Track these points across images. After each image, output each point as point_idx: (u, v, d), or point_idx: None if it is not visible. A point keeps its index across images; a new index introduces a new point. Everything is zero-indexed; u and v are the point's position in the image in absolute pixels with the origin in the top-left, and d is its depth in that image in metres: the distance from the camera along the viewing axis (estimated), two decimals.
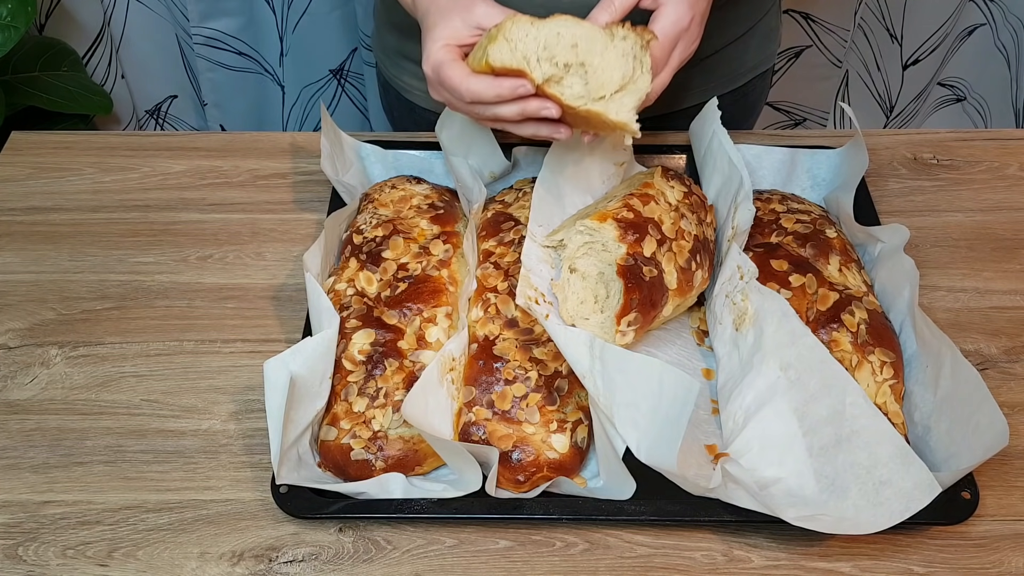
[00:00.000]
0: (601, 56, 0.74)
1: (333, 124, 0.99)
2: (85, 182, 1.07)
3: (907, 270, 0.85)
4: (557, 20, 0.75)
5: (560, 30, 0.74)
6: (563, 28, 0.74)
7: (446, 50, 0.79)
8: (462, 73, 0.77)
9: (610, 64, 0.75)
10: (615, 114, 0.75)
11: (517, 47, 0.74)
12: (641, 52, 0.75)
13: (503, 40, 0.74)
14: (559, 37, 0.74)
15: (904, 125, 1.96)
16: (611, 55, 0.75)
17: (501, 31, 0.74)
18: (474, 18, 0.79)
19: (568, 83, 0.75)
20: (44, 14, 1.63)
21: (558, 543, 0.76)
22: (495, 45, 0.74)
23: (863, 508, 0.73)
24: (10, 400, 0.85)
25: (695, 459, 0.78)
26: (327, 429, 0.79)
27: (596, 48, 0.74)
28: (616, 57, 0.75)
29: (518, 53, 0.74)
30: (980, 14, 1.79)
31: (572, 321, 0.80)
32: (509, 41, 0.74)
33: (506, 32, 0.74)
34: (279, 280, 0.96)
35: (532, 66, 0.74)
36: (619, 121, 0.76)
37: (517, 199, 0.96)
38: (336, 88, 1.79)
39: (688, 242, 0.85)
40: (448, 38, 0.80)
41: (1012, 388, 0.87)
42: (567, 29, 0.74)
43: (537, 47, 0.74)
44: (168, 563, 0.74)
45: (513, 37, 0.74)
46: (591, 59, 0.74)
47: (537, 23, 0.74)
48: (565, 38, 0.74)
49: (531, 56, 0.74)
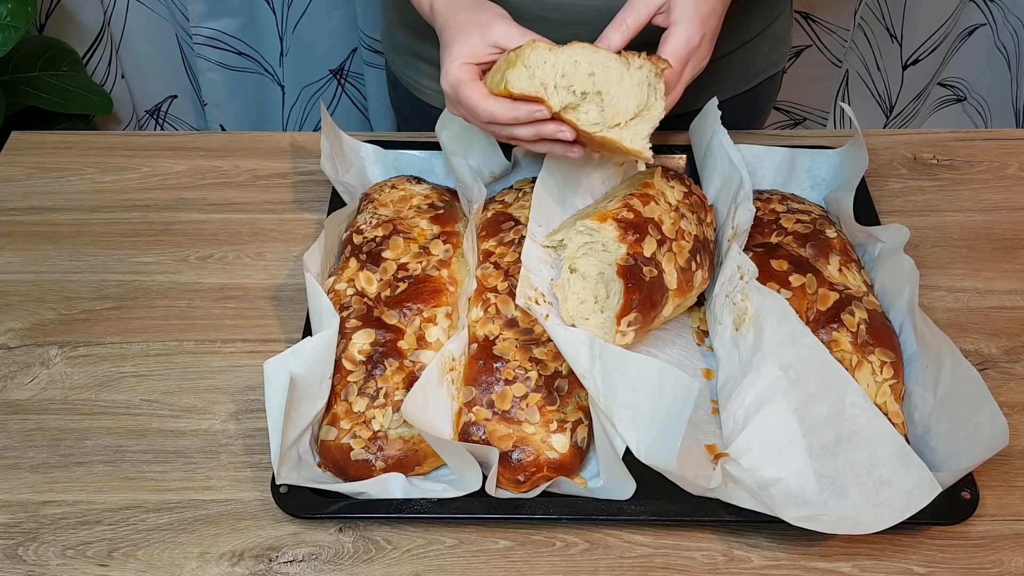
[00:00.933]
0: (617, 85, 0.76)
1: (333, 124, 0.99)
2: (85, 182, 1.07)
3: (907, 270, 0.85)
4: (575, 48, 0.76)
5: (578, 58, 0.76)
6: (581, 56, 0.76)
7: (464, 69, 0.80)
8: (480, 94, 0.79)
9: (626, 92, 0.76)
10: (630, 142, 0.77)
11: (536, 74, 0.75)
12: (656, 80, 0.77)
13: (522, 67, 0.76)
14: (576, 65, 0.76)
15: (904, 125, 1.96)
16: (627, 84, 0.76)
17: (520, 57, 0.76)
18: (492, 37, 0.80)
19: (584, 110, 0.77)
20: (44, 14, 1.63)
21: (558, 543, 0.76)
22: (514, 71, 0.76)
23: (863, 508, 0.73)
24: (10, 400, 0.85)
25: (695, 459, 0.78)
26: (327, 429, 0.79)
27: (612, 77, 0.76)
28: (632, 86, 0.76)
29: (536, 80, 0.75)
30: (980, 14, 1.79)
31: (572, 321, 0.80)
32: (528, 68, 0.75)
33: (525, 59, 0.76)
34: (279, 280, 0.96)
35: (550, 93, 0.76)
36: (633, 149, 0.77)
37: (517, 199, 0.96)
38: (336, 88, 1.79)
39: (688, 242, 0.85)
40: (466, 56, 0.81)
41: (1012, 388, 0.87)
42: (585, 57, 0.76)
43: (555, 75, 0.76)
44: (168, 563, 0.74)
45: (532, 64, 0.75)
46: (607, 88, 0.76)
47: (556, 50, 0.76)
48: (583, 66, 0.76)
49: (549, 83, 0.76)
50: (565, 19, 0.98)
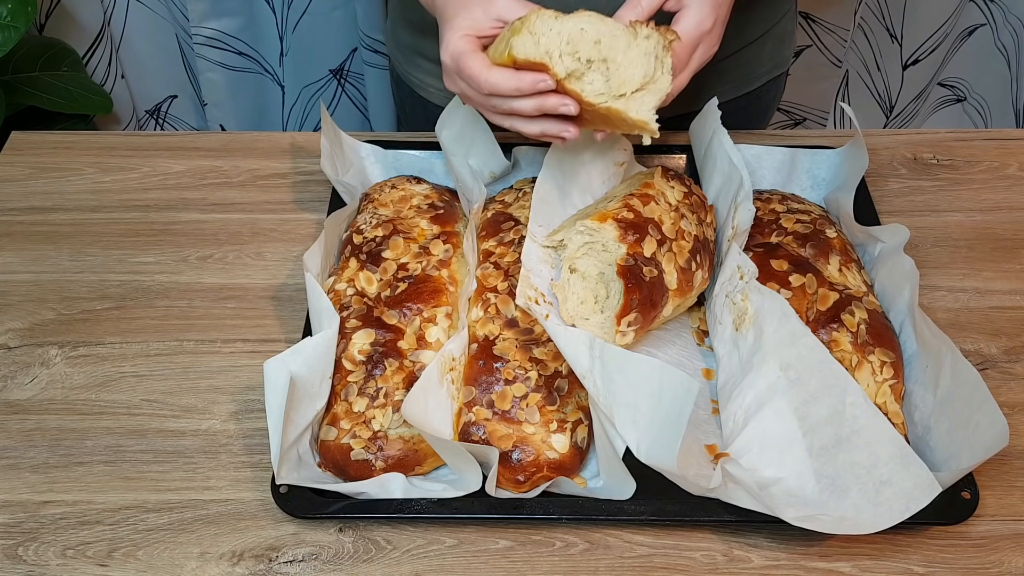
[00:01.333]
0: (624, 54, 0.74)
1: (333, 124, 0.99)
2: (85, 182, 1.07)
3: (907, 270, 0.85)
4: (581, 16, 0.75)
5: (584, 25, 0.74)
6: (587, 24, 0.74)
7: (466, 40, 0.79)
8: (482, 64, 0.77)
9: (632, 62, 0.75)
10: (635, 112, 0.75)
11: (540, 41, 0.74)
12: (663, 52, 0.75)
13: (527, 33, 0.74)
14: (583, 33, 0.74)
15: (904, 125, 1.96)
16: (634, 53, 0.75)
17: (525, 24, 0.74)
18: (495, 10, 0.79)
19: (589, 79, 0.75)
20: (44, 14, 1.63)
21: (558, 543, 0.76)
22: (519, 37, 0.74)
23: (863, 508, 0.73)
24: (10, 400, 0.85)
25: (695, 459, 0.78)
26: (327, 429, 0.79)
27: (619, 45, 0.74)
28: (639, 55, 0.75)
29: (541, 47, 0.74)
30: (980, 14, 1.79)
31: (572, 321, 0.80)
32: (533, 35, 0.74)
33: (530, 25, 0.74)
34: (279, 280, 0.96)
35: (555, 60, 0.74)
36: (639, 120, 0.76)
37: (517, 199, 0.96)
38: (336, 88, 1.79)
39: (688, 242, 0.85)
40: (468, 28, 0.79)
41: (1012, 388, 0.87)
42: (591, 25, 0.74)
43: (560, 42, 0.74)
44: (168, 563, 0.74)
45: (537, 31, 0.74)
46: (614, 56, 0.74)
47: (561, 18, 0.74)
48: (589, 34, 0.74)
49: (554, 51, 0.74)
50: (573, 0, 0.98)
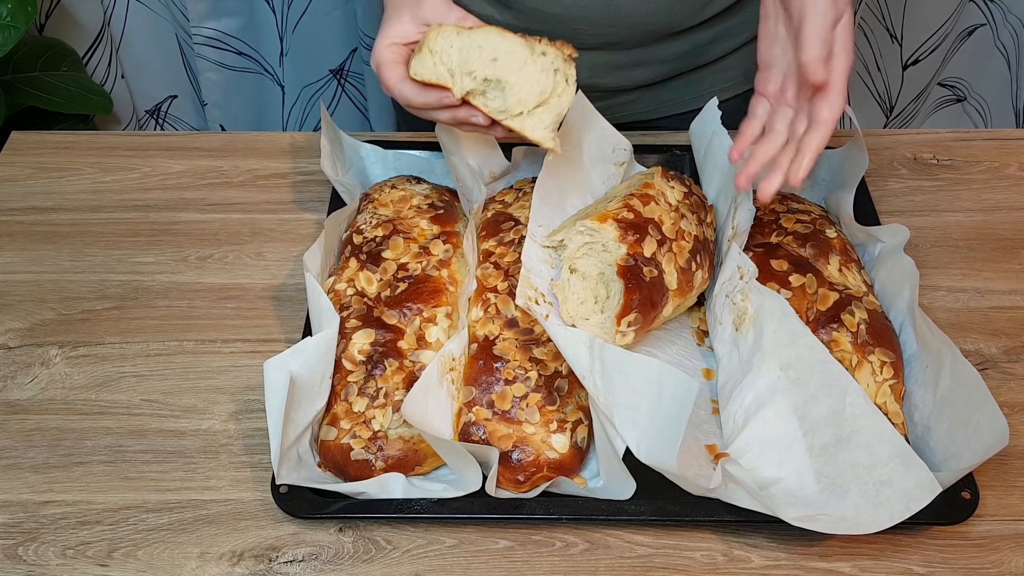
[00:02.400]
0: (519, 72, 0.74)
1: (333, 124, 0.99)
2: (85, 182, 1.07)
3: (907, 270, 0.85)
4: (481, 32, 0.75)
5: (482, 43, 0.74)
6: (485, 40, 0.74)
7: (390, 50, 0.80)
8: (397, 77, 0.79)
9: (528, 80, 0.74)
10: (531, 132, 0.75)
11: (441, 59, 0.74)
12: (565, 65, 0.75)
13: (427, 52, 0.75)
14: (480, 50, 0.74)
15: (904, 125, 1.96)
16: (529, 71, 0.74)
17: (426, 42, 0.75)
18: (423, 14, 0.80)
19: (490, 96, 0.76)
20: (44, 14, 1.63)
21: (558, 543, 0.76)
22: (418, 57, 0.75)
23: (863, 508, 0.73)
24: (10, 400, 0.85)
25: (695, 459, 0.78)
26: (327, 429, 0.79)
27: (515, 64, 0.74)
28: (534, 72, 0.74)
29: (440, 67, 0.75)
30: (980, 14, 1.79)
31: (572, 321, 0.80)
32: (433, 53, 0.75)
33: (430, 43, 0.75)
34: (279, 280, 0.96)
35: (455, 79, 0.75)
36: (534, 139, 0.76)
37: (517, 199, 0.96)
38: (336, 88, 1.79)
39: (688, 242, 0.85)
40: (395, 36, 0.80)
41: (1012, 388, 0.87)
42: (489, 41, 0.74)
43: (460, 60, 0.74)
44: (168, 563, 0.74)
45: (437, 48, 0.75)
46: (508, 76, 0.74)
47: (463, 33, 0.75)
48: (486, 51, 0.74)
49: (455, 68, 0.75)
50: (567, 14, 0.98)
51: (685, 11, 0.99)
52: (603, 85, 1.07)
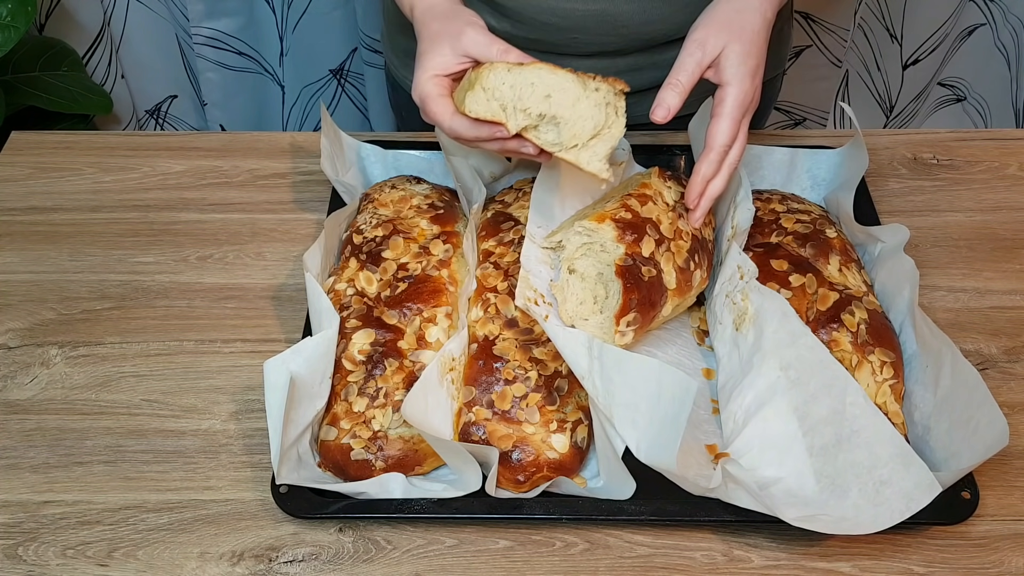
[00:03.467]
0: (572, 108, 0.76)
1: (333, 124, 0.99)
2: (85, 182, 1.07)
3: (907, 270, 0.85)
4: (532, 68, 0.76)
5: (535, 80, 0.75)
6: (538, 78, 0.75)
7: (433, 83, 0.81)
8: (446, 111, 0.80)
9: (582, 115, 0.76)
10: (586, 164, 0.77)
11: (494, 95, 0.76)
12: (615, 99, 0.76)
13: (480, 89, 0.76)
14: (533, 88, 0.75)
15: (904, 125, 1.96)
16: (583, 106, 0.76)
17: (479, 79, 0.76)
18: (462, 46, 0.80)
19: (544, 130, 0.77)
20: (44, 14, 1.63)
21: (558, 543, 0.76)
22: (472, 94, 0.76)
23: (863, 508, 0.73)
24: (10, 400, 0.85)
25: (695, 459, 0.78)
26: (327, 429, 0.79)
27: (568, 100, 0.76)
28: (588, 108, 0.76)
29: (494, 103, 0.76)
30: (980, 14, 1.79)
31: (571, 322, 0.80)
32: (486, 90, 0.76)
33: (483, 81, 0.76)
34: (279, 280, 0.96)
35: (508, 114, 0.76)
36: (589, 171, 0.77)
37: (517, 199, 0.96)
38: (336, 88, 1.79)
39: (686, 242, 0.85)
40: (437, 68, 0.81)
41: (1012, 388, 0.87)
42: (541, 79, 0.75)
43: (513, 96, 0.76)
44: (168, 563, 0.74)
45: (490, 85, 0.76)
46: (562, 112, 0.76)
47: (514, 70, 0.76)
48: (539, 88, 0.75)
49: (508, 103, 0.76)
50: (564, 23, 0.98)
51: (682, 21, 0.99)
52: None
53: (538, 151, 0.78)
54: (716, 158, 0.83)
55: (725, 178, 0.84)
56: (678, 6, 0.98)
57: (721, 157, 0.83)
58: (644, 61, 1.04)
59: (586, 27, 0.99)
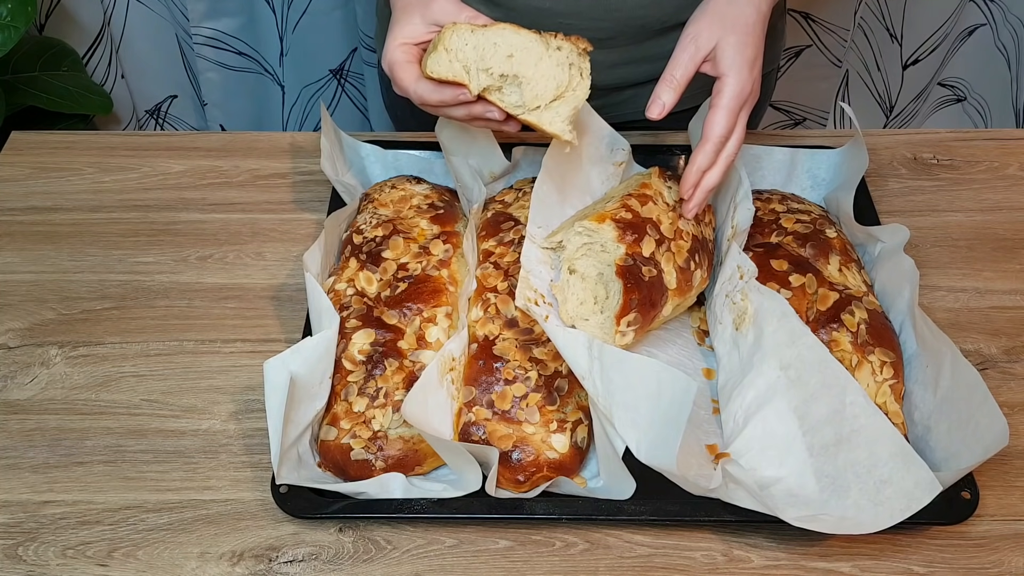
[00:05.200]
0: (535, 67, 0.76)
1: (333, 124, 0.99)
2: (85, 182, 1.07)
3: (907, 270, 0.85)
4: (496, 29, 0.76)
5: (497, 40, 0.76)
6: (500, 38, 0.76)
7: (401, 50, 0.81)
8: (411, 76, 0.80)
9: (544, 75, 0.76)
10: (548, 125, 0.77)
11: (456, 56, 0.76)
12: (579, 59, 0.76)
13: (442, 50, 0.76)
14: (496, 47, 0.76)
15: (904, 125, 1.96)
16: (545, 66, 0.76)
17: (441, 40, 0.76)
18: (432, 15, 0.80)
19: (507, 91, 0.77)
20: (44, 14, 1.63)
21: (558, 543, 0.76)
22: (433, 55, 0.76)
23: (864, 507, 0.73)
24: (10, 400, 0.85)
25: (696, 459, 0.78)
26: (327, 429, 0.79)
27: (530, 60, 0.76)
28: (550, 67, 0.76)
29: (456, 64, 0.76)
30: (980, 14, 1.79)
31: (572, 322, 0.80)
32: (448, 51, 0.76)
33: (445, 41, 0.76)
34: (279, 280, 0.96)
35: (471, 76, 0.76)
36: (552, 131, 0.77)
37: (517, 199, 0.96)
38: (336, 88, 1.79)
39: (687, 242, 0.85)
40: (406, 36, 0.82)
41: (1012, 388, 0.87)
42: (504, 39, 0.76)
43: (476, 57, 0.76)
44: (168, 563, 0.74)
45: (452, 47, 0.76)
46: (524, 71, 0.76)
47: (477, 31, 0.76)
48: (501, 48, 0.76)
49: (471, 65, 0.76)
50: (558, 8, 0.98)
51: (677, 5, 0.99)
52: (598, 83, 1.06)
53: (504, 116, 0.78)
54: (712, 149, 0.82)
55: (721, 170, 0.84)
56: None
57: (717, 148, 0.83)
58: (639, 53, 1.04)
59: (579, 12, 0.98)
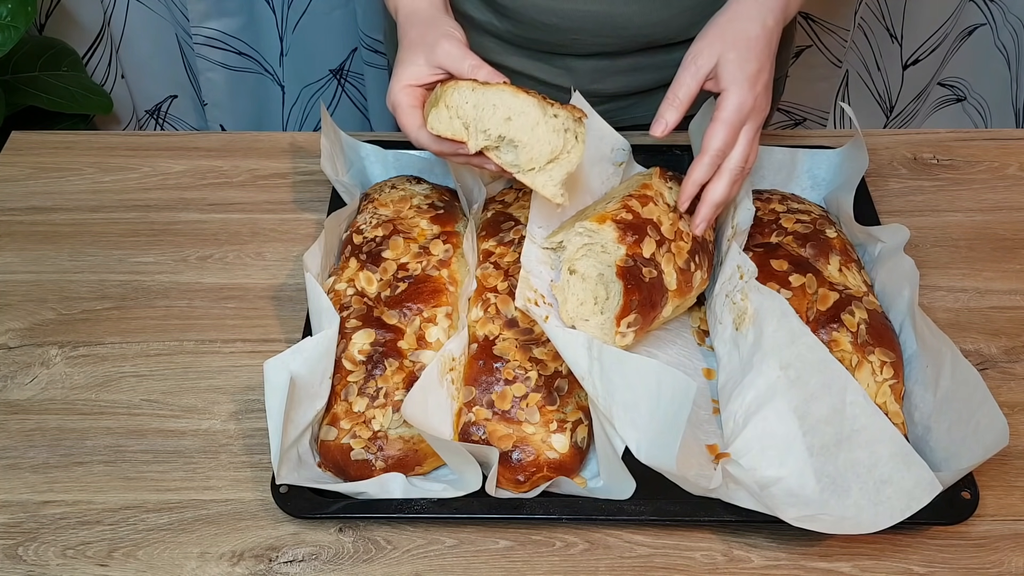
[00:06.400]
0: (531, 132, 0.77)
1: (333, 124, 0.99)
2: (85, 182, 1.07)
3: (907, 270, 0.85)
4: (496, 90, 0.76)
5: (496, 101, 0.76)
6: (499, 100, 0.76)
7: (405, 92, 0.82)
8: (414, 123, 0.81)
9: (540, 139, 0.77)
10: (541, 187, 0.78)
11: (457, 114, 0.77)
12: (575, 125, 0.77)
13: (443, 107, 0.77)
14: (495, 109, 0.76)
15: (904, 125, 1.96)
16: (541, 131, 0.77)
17: (443, 96, 0.77)
18: (436, 58, 0.81)
19: (504, 151, 0.78)
20: (44, 14, 1.63)
21: (558, 543, 0.76)
22: (436, 112, 0.77)
23: (864, 507, 0.73)
24: (10, 400, 0.85)
25: (696, 459, 0.78)
26: (327, 429, 0.79)
27: (527, 124, 0.76)
28: (547, 132, 0.77)
29: (456, 121, 0.77)
30: (980, 14, 1.79)
31: (572, 323, 0.80)
32: (449, 108, 0.77)
33: (446, 98, 0.77)
34: (279, 280, 0.96)
35: (470, 133, 0.77)
36: (543, 195, 0.78)
37: (517, 199, 0.96)
38: (336, 88, 1.79)
39: (687, 243, 0.85)
40: (410, 78, 0.82)
41: (1012, 388, 0.87)
42: (503, 101, 0.76)
43: (475, 116, 0.77)
44: (168, 563, 0.74)
45: (453, 104, 0.77)
46: (521, 136, 0.77)
47: (478, 90, 0.77)
48: (500, 110, 0.76)
49: (470, 122, 0.77)
50: (564, 24, 0.98)
51: (683, 24, 0.99)
52: (603, 91, 1.07)
53: (500, 169, 0.79)
54: (709, 162, 0.82)
55: (726, 184, 0.83)
56: (678, 9, 0.98)
57: (715, 161, 0.82)
58: (645, 62, 1.04)
59: (586, 28, 0.99)
